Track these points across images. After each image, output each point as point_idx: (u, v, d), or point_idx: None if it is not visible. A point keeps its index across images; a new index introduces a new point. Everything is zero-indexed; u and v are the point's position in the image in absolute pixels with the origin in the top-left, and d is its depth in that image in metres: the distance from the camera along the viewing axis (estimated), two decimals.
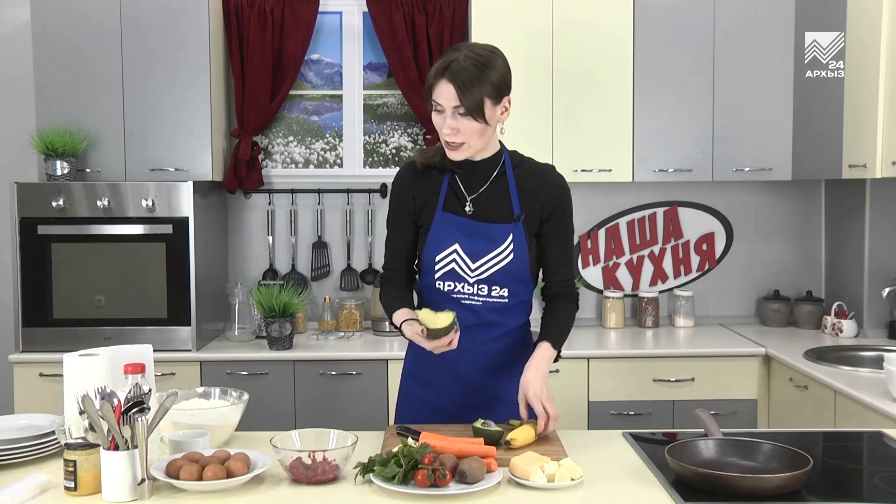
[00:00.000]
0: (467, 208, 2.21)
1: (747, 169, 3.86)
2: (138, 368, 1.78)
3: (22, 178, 3.80)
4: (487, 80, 2.07)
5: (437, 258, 2.20)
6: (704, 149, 3.86)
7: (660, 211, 4.22)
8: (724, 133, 3.86)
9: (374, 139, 4.23)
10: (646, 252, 4.23)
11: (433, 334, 2.04)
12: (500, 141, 2.26)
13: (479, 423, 2.04)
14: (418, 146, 4.20)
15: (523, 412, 2.12)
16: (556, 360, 2.23)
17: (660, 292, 4.21)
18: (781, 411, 3.49)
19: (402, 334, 2.17)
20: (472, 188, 2.22)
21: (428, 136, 4.07)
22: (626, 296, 4.21)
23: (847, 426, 2.86)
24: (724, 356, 3.62)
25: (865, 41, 3.35)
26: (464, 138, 2.11)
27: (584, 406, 3.58)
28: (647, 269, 4.23)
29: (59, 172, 3.60)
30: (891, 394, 2.70)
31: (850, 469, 2.06)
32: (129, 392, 1.74)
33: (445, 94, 2.07)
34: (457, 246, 2.19)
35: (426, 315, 2.07)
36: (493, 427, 2.04)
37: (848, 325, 3.76)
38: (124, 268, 3.60)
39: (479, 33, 3.78)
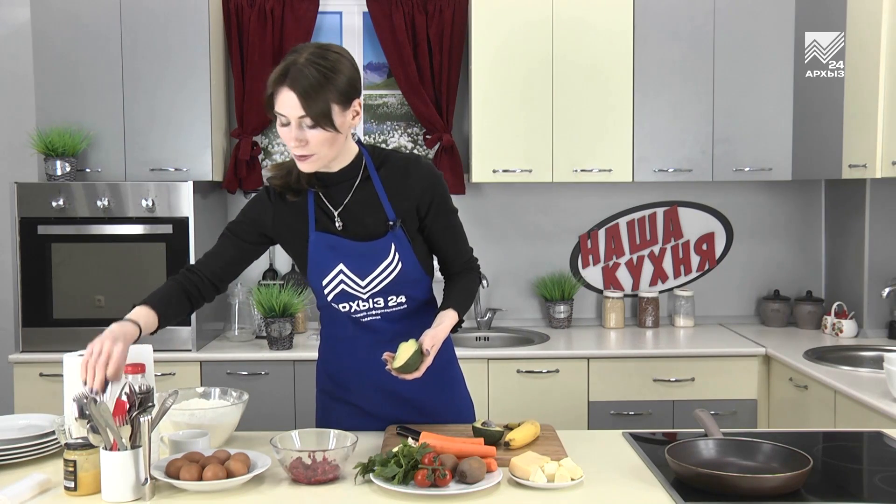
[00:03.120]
0: (337, 224, 2.07)
1: (747, 169, 3.86)
2: (138, 368, 1.78)
3: (22, 178, 3.80)
4: (333, 84, 1.88)
5: (324, 282, 2.08)
6: (704, 149, 3.86)
7: (660, 211, 4.22)
8: (724, 133, 3.86)
9: (374, 139, 4.23)
10: (646, 252, 4.23)
11: (400, 370, 1.97)
12: (359, 142, 2.10)
13: (479, 423, 2.04)
14: (418, 146, 4.20)
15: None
16: (458, 326, 2.15)
17: (660, 292, 4.21)
18: (781, 411, 3.50)
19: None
20: (336, 201, 2.07)
21: (428, 136, 4.07)
22: (626, 296, 4.21)
23: (847, 426, 2.86)
24: (724, 356, 3.62)
25: (865, 41, 3.35)
26: (312, 150, 1.93)
27: (584, 406, 3.58)
28: (647, 269, 4.23)
29: (59, 172, 3.60)
30: (891, 394, 2.70)
31: (850, 469, 2.06)
32: (134, 390, 1.74)
33: (288, 103, 1.88)
34: (341, 266, 2.06)
35: (400, 349, 1.98)
36: (493, 427, 2.04)
37: (848, 325, 3.76)
38: (124, 268, 3.60)
39: (479, 33, 3.78)
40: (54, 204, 3.55)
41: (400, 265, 2.08)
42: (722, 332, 4.01)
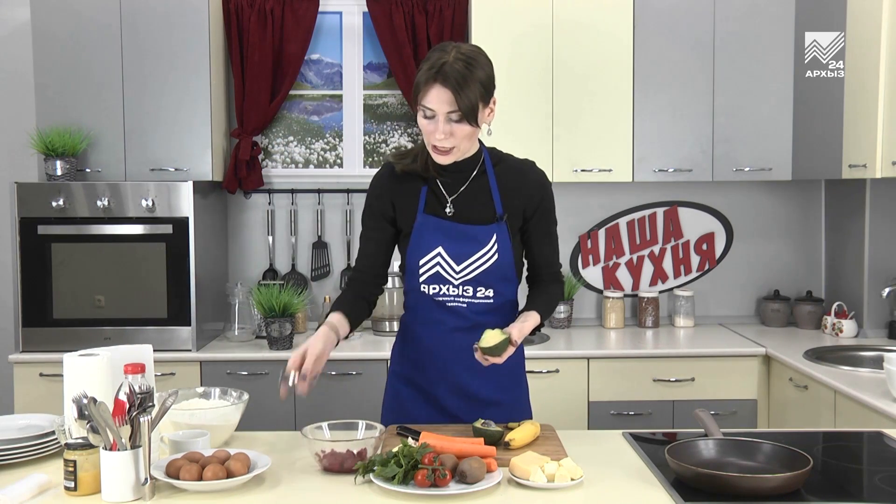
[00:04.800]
0: (448, 210, 2.18)
1: (747, 169, 3.86)
2: (138, 368, 1.78)
3: (22, 178, 3.80)
4: (478, 81, 2.02)
5: (421, 262, 2.17)
6: (704, 149, 3.86)
7: (660, 211, 4.22)
8: (724, 133, 3.86)
9: (374, 139, 4.23)
10: (646, 252, 4.23)
11: (486, 352, 2.03)
12: (478, 139, 2.21)
13: (479, 423, 2.04)
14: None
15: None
16: (537, 329, 2.23)
17: (660, 292, 4.21)
18: (781, 411, 3.50)
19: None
20: (452, 189, 2.19)
21: None
22: (626, 296, 4.21)
23: (847, 426, 2.86)
24: (724, 356, 3.62)
25: (865, 41, 3.35)
26: (455, 143, 2.06)
27: (584, 406, 3.58)
28: (647, 269, 4.23)
29: (59, 172, 3.60)
30: (891, 394, 2.70)
31: (850, 469, 2.06)
32: (135, 390, 1.74)
33: (439, 98, 2.01)
34: (440, 249, 2.16)
35: (486, 334, 2.04)
36: (493, 427, 2.04)
37: (848, 325, 3.76)
38: (124, 268, 3.60)
39: (479, 33, 3.78)
40: (54, 204, 3.55)
41: (496, 257, 2.15)
42: (722, 332, 4.01)
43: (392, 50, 3.99)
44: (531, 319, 2.15)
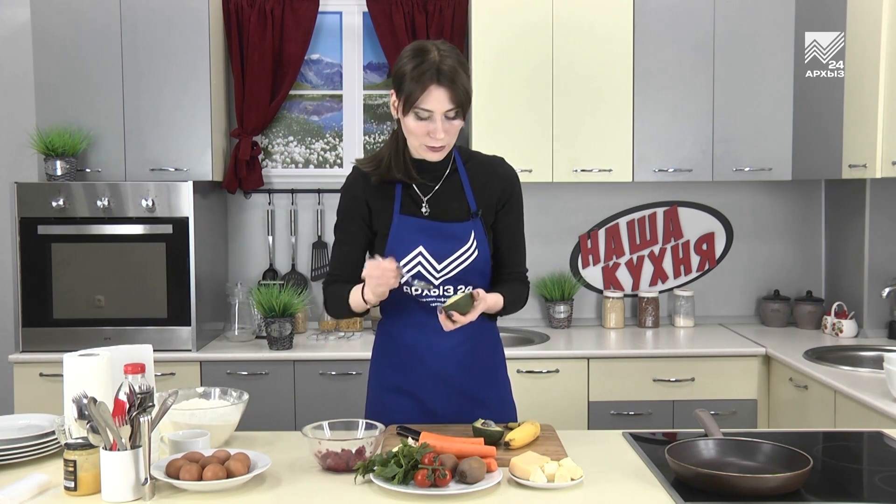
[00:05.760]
0: (424, 209, 2.18)
1: (747, 169, 3.86)
2: (138, 368, 1.78)
3: (22, 178, 3.80)
4: (465, 73, 2.04)
5: (401, 263, 2.14)
6: (704, 149, 3.86)
7: (660, 211, 4.22)
8: (724, 133, 3.86)
9: (374, 139, 4.23)
10: (646, 252, 4.23)
11: (451, 307, 2.01)
12: None
13: (479, 423, 2.04)
14: None
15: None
16: (496, 315, 2.23)
17: (660, 292, 4.21)
18: (781, 411, 3.50)
19: (364, 298, 2.11)
20: (426, 189, 2.19)
21: None
22: (626, 296, 4.21)
23: (847, 426, 2.86)
24: (724, 356, 3.62)
25: (865, 41, 3.35)
26: (449, 140, 2.08)
27: (584, 406, 3.58)
28: (647, 269, 4.23)
29: (59, 172, 3.60)
30: (891, 394, 2.70)
31: (850, 469, 2.06)
32: (135, 390, 1.74)
33: (438, 98, 2.01)
34: (421, 248, 2.15)
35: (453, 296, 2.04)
36: (493, 427, 2.04)
37: (848, 325, 3.76)
38: (124, 268, 3.60)
39: (479, 33, 3.78)
40: (54, 204, 3.55)
41: (476, 253, 2.16)
42: (722, 332, 4.01)
43: (392, 50, 3.99)
44: (493, 297, 2.15)
